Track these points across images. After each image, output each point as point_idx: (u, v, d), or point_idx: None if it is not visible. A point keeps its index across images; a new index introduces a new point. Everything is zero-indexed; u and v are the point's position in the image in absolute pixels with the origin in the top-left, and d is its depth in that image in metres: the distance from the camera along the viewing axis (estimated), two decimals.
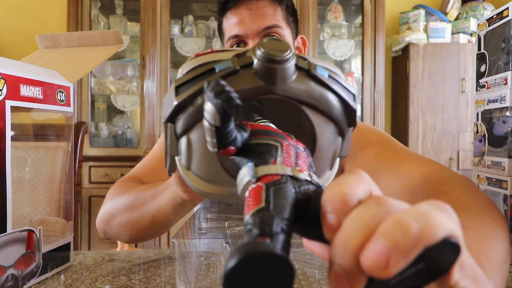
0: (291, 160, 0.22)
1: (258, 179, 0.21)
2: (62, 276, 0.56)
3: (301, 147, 0.24)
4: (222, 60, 0.27)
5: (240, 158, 0.23)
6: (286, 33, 0.74)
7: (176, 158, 0.31)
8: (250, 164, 0.22)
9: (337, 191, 0.18)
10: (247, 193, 0.20)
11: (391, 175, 0.61)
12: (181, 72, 0.28)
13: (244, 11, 0.73)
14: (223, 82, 0.21)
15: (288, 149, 0.23)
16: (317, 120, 0.29)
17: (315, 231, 0.19)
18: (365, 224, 0.17)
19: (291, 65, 0.26)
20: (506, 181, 0.63)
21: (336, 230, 0.18)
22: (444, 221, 0.17)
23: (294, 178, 0.21)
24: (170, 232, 2.17)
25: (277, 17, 0.73)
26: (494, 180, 0.66)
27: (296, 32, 0.80)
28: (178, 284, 0.46)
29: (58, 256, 0.57)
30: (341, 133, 0.30)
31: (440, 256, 0.18)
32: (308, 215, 0.20)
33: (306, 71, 0.27)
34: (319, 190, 0.20)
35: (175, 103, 0.27)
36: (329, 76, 0.29)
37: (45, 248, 0.54)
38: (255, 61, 0.26)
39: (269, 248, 0.16)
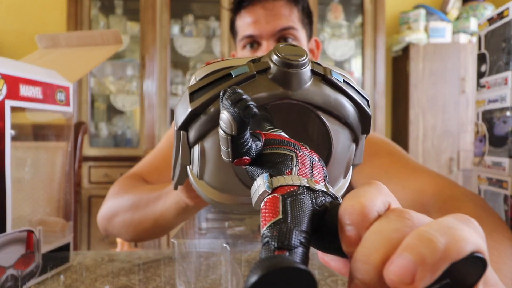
0: (307, 170, 0.22)
1: (274, 190, 0.20)
2: (62, 276, 0.56)
3: (315, 157, 0.24)
4: (237, 66, 0.27)
5: (254, 168, 0.23)
6: (301, 35, 0.73)
7: (188, 167, 0.31)
8: (265, 175, 0.22)
9: (355, 203, 0.18)
10: (262, 204, 0.20)
11: (401, 187, 0.60)
12: (194, 78, 0.28)
13: (260, 11, 0.71)
14: (240, 90, 0.20)
15: (303, 159, 0.23)
16: (332, 126, 0.28)
17: (332, 244, 0.19)
18: (387, 238, 0.16)
19: (307, 70, 0.26)
20: (507, 181, 0.63)
21: (355, 244, 0.17)
22: (471, 235, 0.16)
23: (310, 189, 0.20)
24: (170, 232, 2.17)
25: (293, 18, 0.71)
26: (494, 180, 0.66)
27: (310, 34, 0.78)
28: (178, 284, 0.46)
29: (58, 257, 0.57)
30: (356, 140, 0.30)
31: (466, 271, 0.17)
32: (325, 228, 0.19)
33: (322, 76, 0.27)
34: (335, 202, 0.20)
35: (190, 109, 0.26)
36: (344, 81, 0.28)
37: (45, 248, 0.54)
38: (272, 66, 0.26)
39: (292, 263, 0.15)
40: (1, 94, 0.46)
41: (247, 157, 0.22)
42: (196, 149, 0.28)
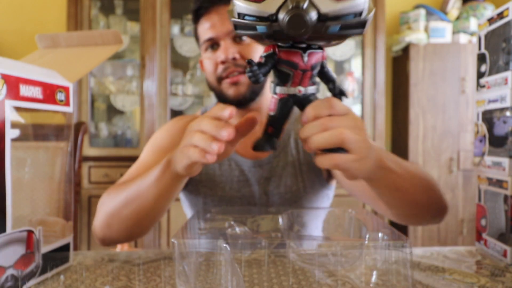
0: (297, 82, 0.42)
1: (276, 94, 0.44)
2: (62, 276, 0.56)
3: (309, 65, 0.42)
4: None
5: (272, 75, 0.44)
6: None
7: None
8: (273, 84, 0.44)
9: (309, 112, 0.43)
10: (270, 100, 0.45)
11: None
12: None
13: (215, 16, 0.80)
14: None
15: (297, 75, 0.42)
16: None
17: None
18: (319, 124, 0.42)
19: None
20: (507, 181, 0.63)
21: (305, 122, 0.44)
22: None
23: (294, 95, 0.43)
24: (170, 232, 2.17)
25: None
26: (494, 180, 0.66)
27: None
28: (178, 284, 0.46)
29: (58, 256, 0.57)
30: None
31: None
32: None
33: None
34: (306, 100, 0.43)
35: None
36: None
37: (45, 248, 0.54)
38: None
39: None
40: (1, 94, 0.46)
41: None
42: None
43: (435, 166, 2.40)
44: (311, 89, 0.43)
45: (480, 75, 0.70)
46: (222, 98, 0.84)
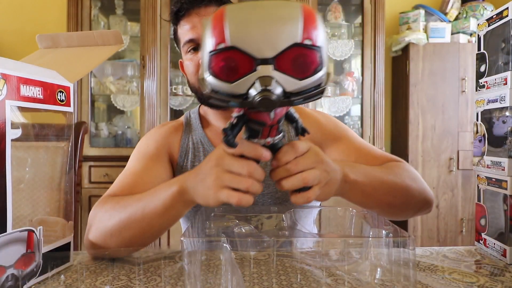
0: (265, 135, 0.47)
1: None
2: (62, 276, 0.56)
3: (276, 120, 0.45)
4: None
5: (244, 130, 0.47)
6: None
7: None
8: (245, 136, 0.48)
9: (278, 159, 0.50)
10: None
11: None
12: None
13: (195, 18, 0.80)
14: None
15: (265, 130, 0.46)
16: None
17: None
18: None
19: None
20: (506, 181, 0.63)
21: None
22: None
23: (264, 145, 0.48)
24: (170, 232, 2.17)
25: None
26: (494, 180, 0.66)
27: None
28: (186, 282, 0.46)
29: (58, 256, 0.57)
30: None
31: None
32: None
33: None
34: (274, 147, 0.48)
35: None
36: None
37: (45, 248, 0.54)
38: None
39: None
40: (1, 94, 0.46)
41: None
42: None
43: (434, 166, 2.40)
44: (278, 138, 0.48)
45: (479, 75, 0.71)
46: (204, 100, 0.84)
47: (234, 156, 0.48)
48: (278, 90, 0.38)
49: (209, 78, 0.40)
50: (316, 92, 0.41)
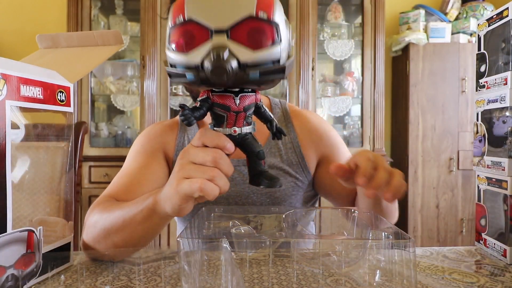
0: (231, 123, 0.45)
1: None
2: (62, 276, 0.56)
3: (242, 107, 0.44)
4: None
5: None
6: None
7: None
8: (210, 125, 0.46)
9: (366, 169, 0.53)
10: None
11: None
12: None
13: None
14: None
15: (231, 117, 0.45)
16: None
17: (248, 157, 0.48)
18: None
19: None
20: (506, 181, 0.63)
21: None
22: None
23: (230, 135, 0.45)
24: (170, 232, 2.17)
25: None
26: (494, 180, 0.66)
27: None
28: (183, 282, 0.46)
29: (58, 256, 0.57)
30: None
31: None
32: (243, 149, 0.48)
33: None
34: (242, 139, 0.46)
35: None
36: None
37: (45, 248, 0.54)
38: None
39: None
40: (1, 94, 0.46)
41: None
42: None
43: (434, 166, 2.40)
44: (246, 129, 0.47)
45: (479, 75, 0.71)
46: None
47: (198, 147, 0.45)
48: (232, 60, 0.39)
49: (168, 53, 0.42)
50: (274, 68, 0.41)
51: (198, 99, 0.45)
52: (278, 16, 0.40)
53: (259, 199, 0.83)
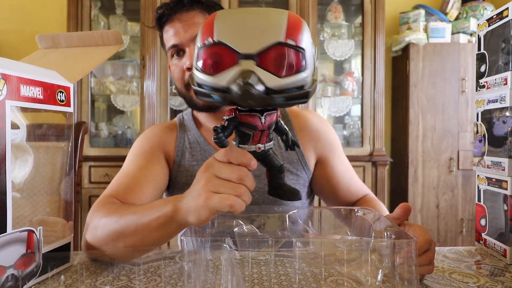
0: (256, 140, 0.46)
1: None
2: (62, 276, 0.56)
3: (266, 129, 0.46)
4: None
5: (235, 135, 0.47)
6: None
7: None
8: (235, 142, 0.47)
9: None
10: None
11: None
12: None
13: (177, 23, 0.82)
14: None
15: (256, 135, 0.46)
16: None
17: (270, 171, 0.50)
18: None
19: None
20: (506, 181, 0.63)
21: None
22: None
23: (255, 152, 0.47)
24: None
25: None
26: (494, 180, 0.66)
27: None
28: (186, 281, 0.46)
29: (58, 256, 0.57)
30: None
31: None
32: (265, 164, 0.49)
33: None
34: (265, 154, 0.48)
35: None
36: None
37: (45, 248, 0.54)
38: None
39: None
40: (1, 94, 0.46)
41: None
42: None
43: (434, 166, 2.40)
44: (268, 145, 0.48)
45: (479, 75, 0.71)
46: (192, 104, 0.85)
47: (223, 162, 0.47)
48: (259, 86, 0.39)
49: (196, 72, 0.42)
50: (299, 94, 0.41)
51: (225, 118, 0.46)
52: (306, 40, 0.41)
53: (261, 197, 0.84)
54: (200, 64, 0.42)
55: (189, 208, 0.49)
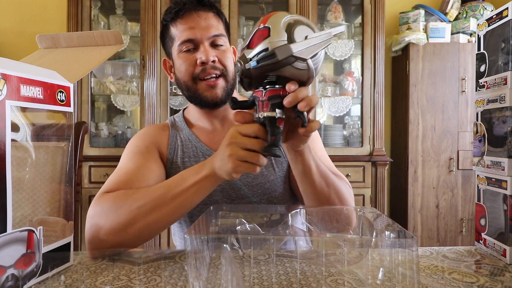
0: (263, 109, 0.58)
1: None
2: (62, 276, 0.56)
3: (268, 99, 0.58)
4: None
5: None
6: (226, 41, 0.89)
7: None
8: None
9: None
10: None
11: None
12: None
13: (196, 18, 0.84)
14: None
15: (260, 104, 0.58)
16: None
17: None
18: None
19: None
20: (506, 181, 0.63)
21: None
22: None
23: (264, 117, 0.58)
24: (170, 232, 2.17)
25: (220, 27, 0.87)
26: (493, 180, 0.66)
27: (229, 43, 0.94)
28: (190, 279, 0.46)
29: (58, 256, 0.57)
30: None
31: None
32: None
33: None
34: (270, 115, 0.58)
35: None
36: None
37: (45, 248, 0.54)
38: None
39: None
40: (1, 94, 0.46)
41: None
42: None
43: (434, 165, 2.40)
44: (270, 112, 0.59)
45: (479, 75, 0.71)
46: (197, 99, 0.86)
47: (244, 136, 0.59)
48: (239, 64, 0.58)
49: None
50: (266, 54, 0.55)
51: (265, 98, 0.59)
52: (272, 20, 0.57)
53: (250, 191, 0.87)
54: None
55: (222, 170, 0.63)
